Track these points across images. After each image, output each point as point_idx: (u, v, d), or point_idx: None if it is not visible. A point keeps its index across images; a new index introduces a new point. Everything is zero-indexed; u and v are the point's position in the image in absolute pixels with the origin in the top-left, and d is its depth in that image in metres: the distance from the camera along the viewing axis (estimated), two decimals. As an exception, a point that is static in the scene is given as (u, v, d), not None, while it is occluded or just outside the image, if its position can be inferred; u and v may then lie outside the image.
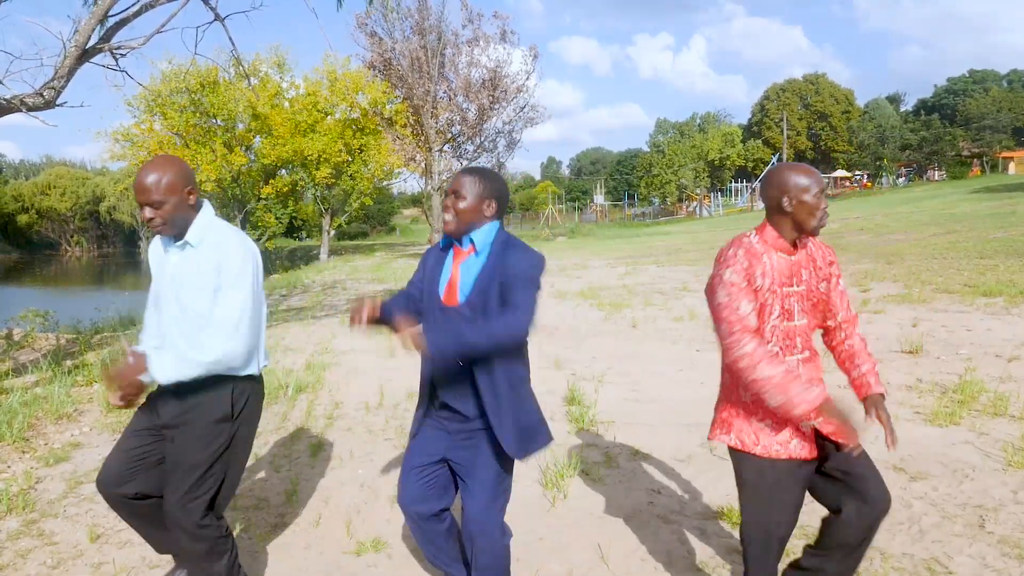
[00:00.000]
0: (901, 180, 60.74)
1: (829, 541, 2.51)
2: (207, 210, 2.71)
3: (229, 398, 2.68)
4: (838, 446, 2.37)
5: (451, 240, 2.58)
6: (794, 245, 2.42)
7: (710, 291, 2.39)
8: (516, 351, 2.52)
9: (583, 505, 3.92)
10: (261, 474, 4.52)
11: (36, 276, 45.82)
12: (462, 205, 2.47)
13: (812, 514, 2.79)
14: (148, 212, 2.56)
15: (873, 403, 2.52)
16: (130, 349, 2.64)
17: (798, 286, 2.40)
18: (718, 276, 2.36)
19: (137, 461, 2.74)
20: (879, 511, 2.40)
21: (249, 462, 4.63)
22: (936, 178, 58.70)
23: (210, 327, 2.57)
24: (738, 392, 2.45)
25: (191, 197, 2.61)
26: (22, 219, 72.12)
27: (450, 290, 2.52)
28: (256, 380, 2.82)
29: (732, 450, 2.47)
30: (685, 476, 4.29)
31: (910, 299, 9.92)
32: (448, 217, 2.50)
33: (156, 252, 2.77)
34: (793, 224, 2.38)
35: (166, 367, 2.54)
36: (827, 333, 2.62)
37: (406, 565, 3.36)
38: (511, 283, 2.39)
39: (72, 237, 74.49)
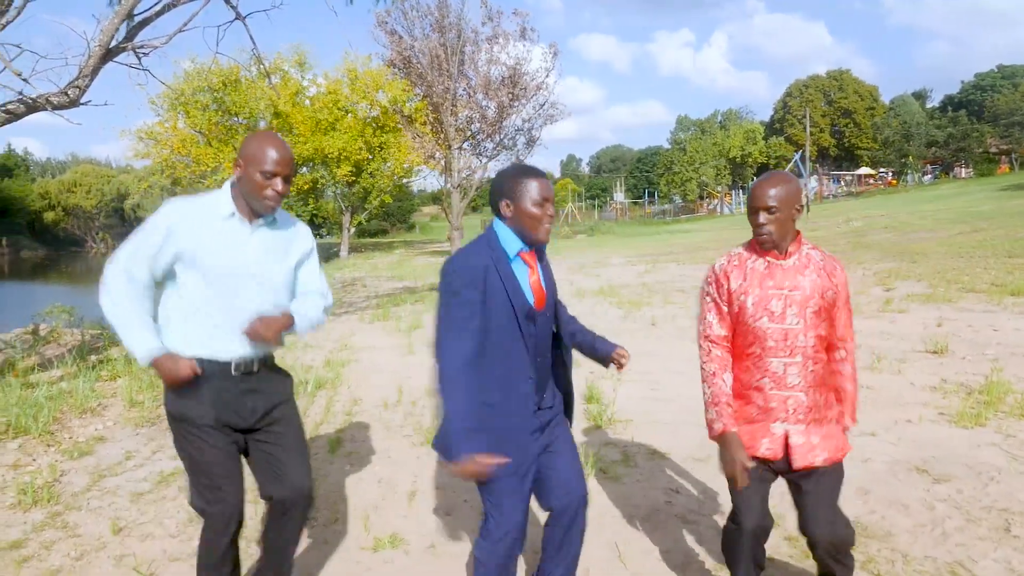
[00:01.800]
0: (927, 177, 59.89)
1: (814, 556, 2.68)
2: None
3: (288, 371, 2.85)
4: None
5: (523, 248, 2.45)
6: (784, 252, 2.49)
7: None
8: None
9: (600, 504, 3.91)
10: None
11: (62, 273, 46.50)
12: (552, 211, 2.47)
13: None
14: (280, 185, 2.50)
15: None
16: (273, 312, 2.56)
17: (792, 291, 2.46)
18: (701, 289, 2.67)
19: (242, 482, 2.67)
20: (820, 538, 2.50)
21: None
22: (963, 175, 57.81)
23: (312, 291, 2.74)
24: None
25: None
26: (48, 216, 73.30)
27: (539, 295, 2.47)
28: None
29: None
30: (704, 476, 4.26)
31: (935, 298, 9.77)
32: (548, 226, 2.43)
33: (210, 229, 2.50)
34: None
35: (306, 315, 2.65)
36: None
37: (423, 561, 3.36)
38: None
39: (97, 234, 75.50)
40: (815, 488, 2.48)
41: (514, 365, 2.42)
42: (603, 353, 2.67)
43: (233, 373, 2.53)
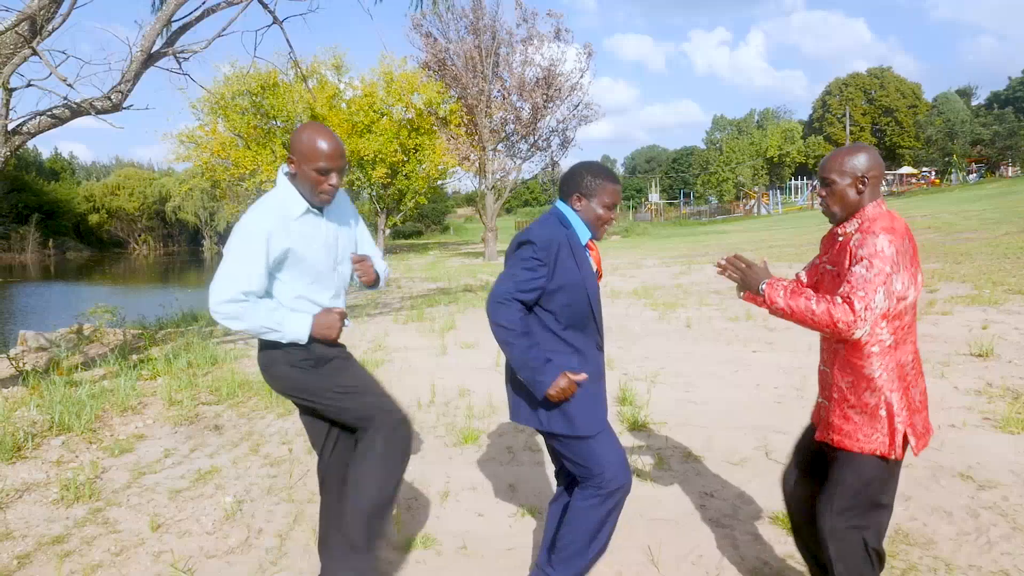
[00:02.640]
0: (971, 176, 58.32)
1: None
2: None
3: None
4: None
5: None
6: (838, 222, 2.49)
7: None
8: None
9: (634, 507, 3.87)
10: (313, 469, 4.59)
11: (106, 274, 47.67)
12: (615, 215, 2.84)
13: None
14: (335, 179, 2.62)
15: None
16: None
17: (832, 265, 2.50)
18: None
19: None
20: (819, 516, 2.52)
21: (302, 457, 4.73)
22: (1010, 174, 56.20)
23: (369, 248, 3.04)
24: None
25: None
26: (93, 219, 75.24)
27: (599, 275, 2.85)
28: None
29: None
30: (739, 480, 4.19)
31: (980, 300, 9.51)
32: (607, 227, 2.79)
33: (295, 227, 2.63)
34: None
35: (382, 271, 3.05)
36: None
37: (454, 561, 3.37)
38: None
39: (140, 236, 77.35)
40: (830, 471, 2.51)
41: (588, 338, 2.73)
42: None
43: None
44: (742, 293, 2.65)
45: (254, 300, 2.59)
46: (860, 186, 2.39)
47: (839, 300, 2.26)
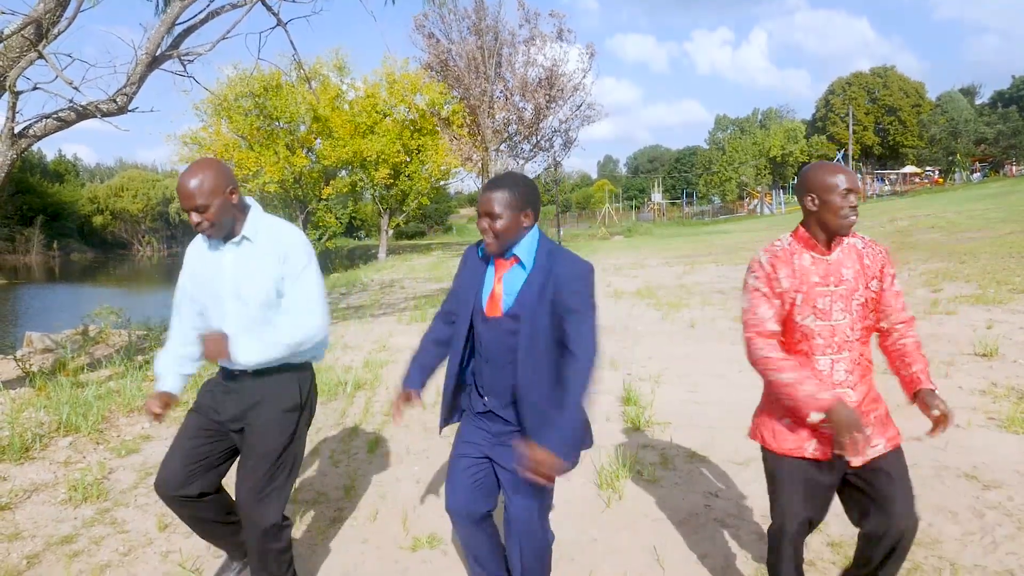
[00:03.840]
0: (975, 176, 58.18)
1: (857, 556, 2.57)
2: (255, 206, 2.76)
3: (297, 386, 2.77)
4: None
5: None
6: (828, 245, 2.43)
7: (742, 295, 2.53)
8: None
9: (638, 507, 3.89)
10: (320, 469, 4.62)
11: (110, 275, 47.79)
12: (500, 225, 2.38)
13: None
14: (195, 217, 2.55)
15: (923, 396, 2.43)
16: (209, 332, 2.70)
17: (836, 286, 2.40)
18: (744, 282, 2.52)
19: (198, 461, 2.78)
20: (897, 530, 2.36)
21: (309, 458, 4.74)
22: (1014, 173, 56.05)
23: (290, 312, 2.67)
24: (767, 391, 2.59)
25: (234, 197, 2.62)
26: (97, 220, 75.32)
27: (492, 302, 2.50)
28: (312, 369, 2.90)
29: (761, 447, 2.62)
30: (743, 480, 4.20)
31: (984, 300, 9.50)
32: (489, 239, 2.41)
33: (199, 255, 2.79)
34: (819, 224, 2.41)
35: (251, 350, 2.60)
36: (881, 335, 2.56)
37: (461, 562, 3.38)
38: (567, 303, 2.38)
39: (143, 237, 77.39)
40: (887, 472, 2.39)
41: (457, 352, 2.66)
42: None
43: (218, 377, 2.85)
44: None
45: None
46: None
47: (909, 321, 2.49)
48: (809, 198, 2.39)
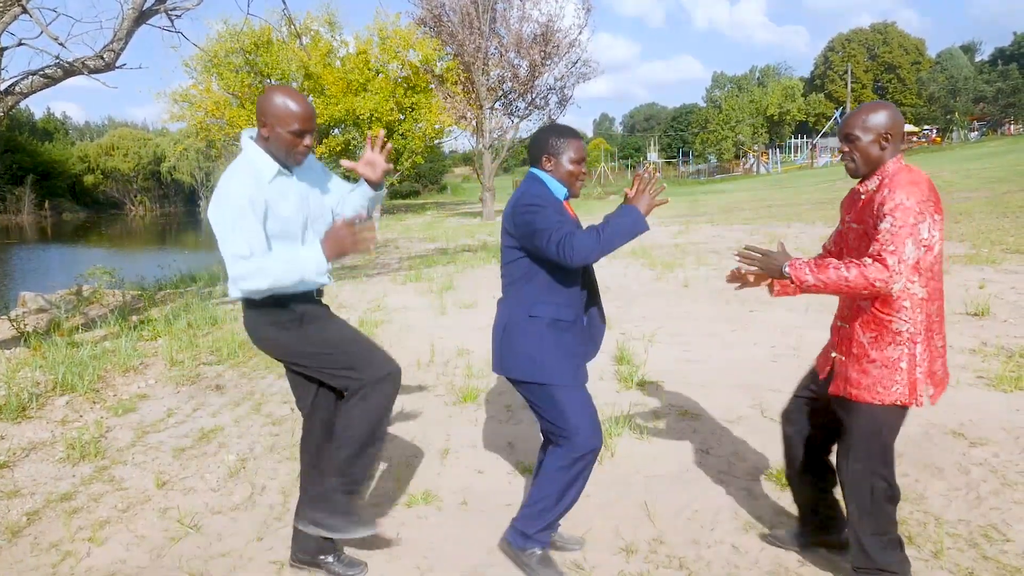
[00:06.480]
0: (974, 135, 57.90)
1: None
2: None
3: None
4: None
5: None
6: (860, 179, 2.54)
7: None
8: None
9: (631, 463, 3.94)
10: (316, 427, 4.65)
11: (102, 235, 47.47)
12: (586, 170, 2.85)
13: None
14: (308, 140, 2.68)
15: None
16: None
17: (857, 222, 2.51)
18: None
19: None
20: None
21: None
22: (1013, 132, 55.77)
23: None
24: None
25: None
26: (88, 180, 74.61)
27: None
28: None
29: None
30: (734, 437, 4.26)
31: (977, 259, 9.54)
32: (581, 182, 2.83)
33: (276, 189, 2.66)
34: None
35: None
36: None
37: (455, 517, 3.44)
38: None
39: (135, 197, 76.77)
40: (845, 420, 2.55)
41: (578, 290, 2.80)
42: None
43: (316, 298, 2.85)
44: (773, 291, 2.74)
45: (266, 255, 2.58)
46: (883, 143, 2.43)
47: (869, 260, 2.29)
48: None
